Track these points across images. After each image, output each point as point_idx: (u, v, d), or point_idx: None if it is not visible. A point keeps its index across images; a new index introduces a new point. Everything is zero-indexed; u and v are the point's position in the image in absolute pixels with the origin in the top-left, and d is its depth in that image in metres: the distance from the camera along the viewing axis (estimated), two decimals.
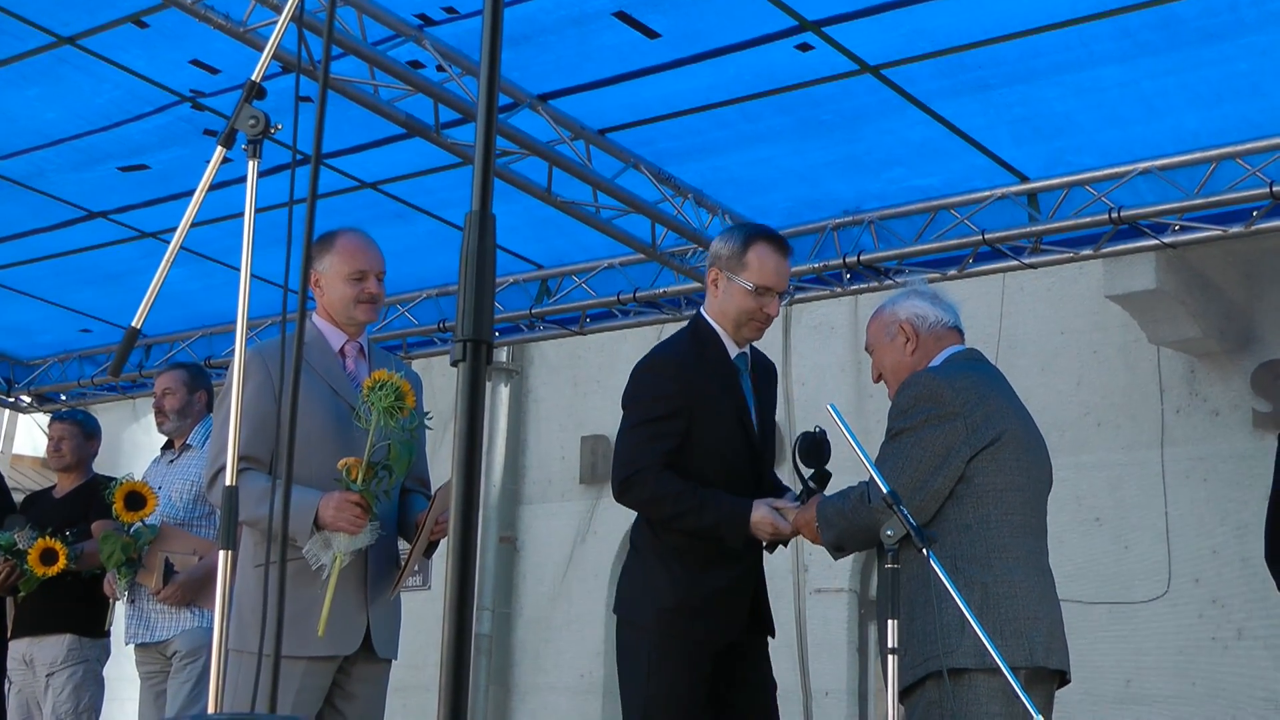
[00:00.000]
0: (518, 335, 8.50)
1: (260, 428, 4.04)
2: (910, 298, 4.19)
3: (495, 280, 1.95)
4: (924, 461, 3.84)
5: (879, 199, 6.82)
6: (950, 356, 4.10)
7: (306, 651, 4.03)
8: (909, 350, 4.11)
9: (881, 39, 5.42)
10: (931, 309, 4.14)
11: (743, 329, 4.38)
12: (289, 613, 3.96)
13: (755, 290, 4.31)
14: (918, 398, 3.92)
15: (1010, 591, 3.81)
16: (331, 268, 4.33)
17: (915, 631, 3.75)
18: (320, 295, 4.36)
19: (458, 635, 1.83)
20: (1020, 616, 3.79)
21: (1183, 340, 8.69)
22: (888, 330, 4.16)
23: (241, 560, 4.09)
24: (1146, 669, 8.76)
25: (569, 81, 5.96)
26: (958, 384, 3.93)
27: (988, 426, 3.88)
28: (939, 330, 4.13)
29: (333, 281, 4.33)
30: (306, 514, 4.02)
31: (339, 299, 4.33)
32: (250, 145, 2.88)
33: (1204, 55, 5.34)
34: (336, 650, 4.12)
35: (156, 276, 2.90)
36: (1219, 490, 8.64)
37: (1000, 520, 3.87)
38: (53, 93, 6.19)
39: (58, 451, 6.76)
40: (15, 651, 6.51)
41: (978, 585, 3.76)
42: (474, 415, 1.84)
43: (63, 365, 9.79)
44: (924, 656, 3.74)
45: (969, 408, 3.89)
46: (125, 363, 3.19)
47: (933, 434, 3.85)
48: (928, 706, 3.75)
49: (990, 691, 3.68)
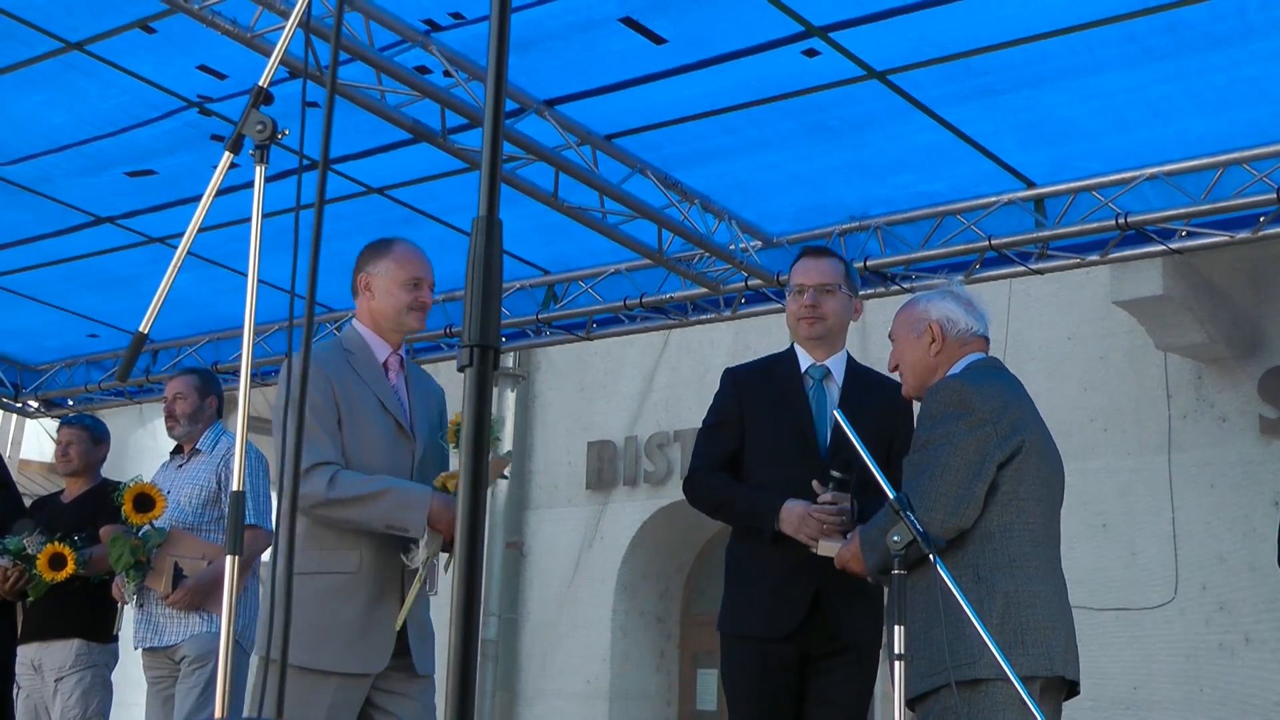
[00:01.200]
0: (524, 340, 8.49)
1: (334, 434, 4.10)
2: (945, 299, 4.19)
3: (502, 285, 1.95)
4: (963, 469, 3.83)
5: (885, 204, 6.82)
6: (973, 363, 4.10)
7: (339, 667, 4.00)
8: (933, 351, 4.12)
9: (888, 44, 5.42)
10: (964, 315, 4.15)
11: (798, 329, 4.71)
12: (324, 628, 3.97)
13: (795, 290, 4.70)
14: (947, 404, 3.92)
15: (1031, 600, 3.82)
16: (387, 273, 4.34)
17: (934, 640, 3.73)
18: (369, 299, 4.36)
19: (464, 641, 1.83)
20: (1041, 626, 3.80)
21: (1190, 346, 8.68)
22: (915, 326, 4.16)
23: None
24: (1154, 675, 8.75)
25: (576, 87, 5.96)
26: (985, 391, 3.93)
27: (1014, 435, 3.90)
28: (966, 336, 4.14)
29: (387, 286, 4.34)
30: (420, 508, 4.04)
31: (391, 304, 4.34)
32: (257, 150, 2.87)
33: (1211, 61, 5.33)
34: (367, 667, 4.07)
35: (164, 281, 2.90)
36: (1226, 496, 8.62)
37: (1022, 529, 3.88)
38: (60, 98, 6.19)
39: (65, 456, 6.77)
40: (24, 656, 6.51)
41: (1000, 594, 3.77)
42: (481, 419, 1.84)
43: (70, 370, 9.79)
44: (943, 665, 3.71)
45: (996, 415, 3.90)
46: (133, 367, 3.19)
47: (966, 440, 3.85)
48: (943, 712, 3.74)
49: (1008, 700, 3.67)
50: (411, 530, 4.05)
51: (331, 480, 3.99)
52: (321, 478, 3.98)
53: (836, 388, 4.62)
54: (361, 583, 4.08)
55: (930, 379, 4.10)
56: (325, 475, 3.99)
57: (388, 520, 4.05)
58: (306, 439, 3.89)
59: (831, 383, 4.63)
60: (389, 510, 4.04)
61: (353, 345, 4.32)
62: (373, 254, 4.40)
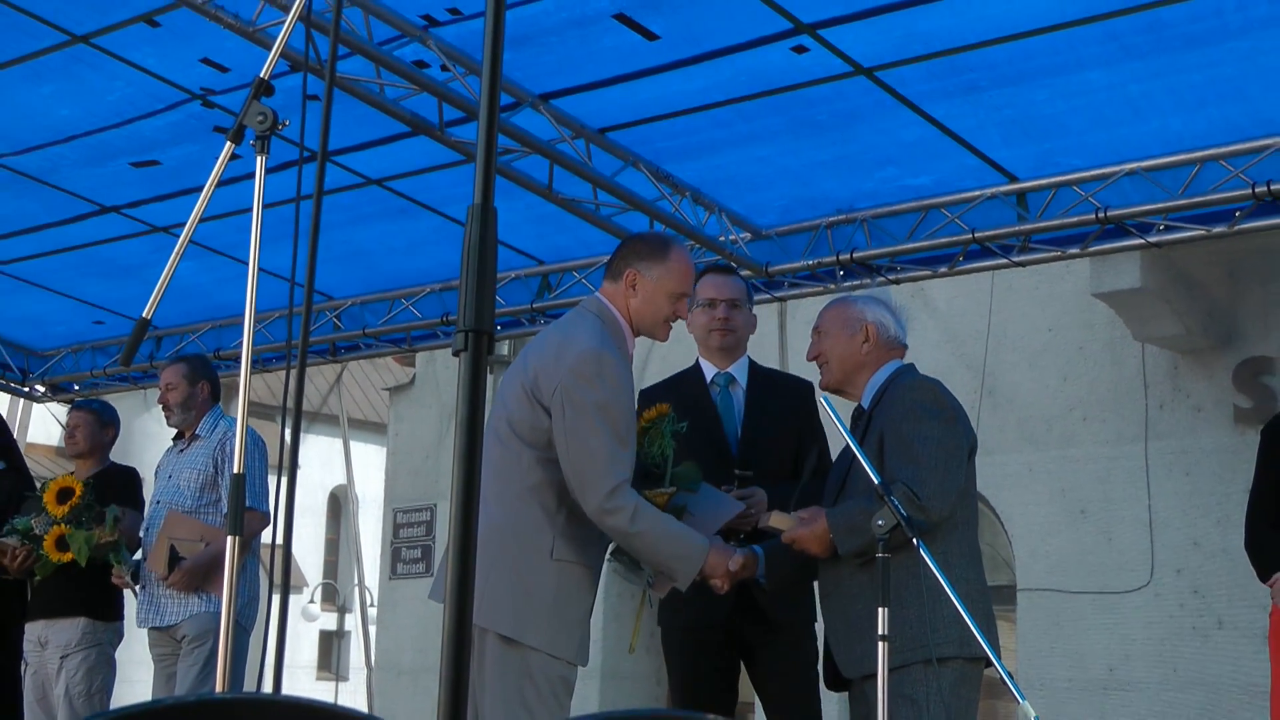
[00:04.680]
0: (519, 329, 8.48)
1: (634, 443, 3.99)
2: (876, 305, 4.30)
3: (497, 274, 1.94)
4: (952, 461, 3.96)
5: (872, 198, 6.81)
6: (901, 368, 4.22)
7: (581, 659, 3.89)
8: (864, 350, 4.21)
9: (875, 42, 5.41)
10: (893, 322, 4.27)
11: (709, 340, 4.89)
12: (565, 618, 3.82)
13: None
14: (927, 401, 4.04)
15: (983, 590, 4.07)
16: (659, 279, 4.05)
17: (907, 619, 3.84)
18: (630, 295, 4.04)
19: (458, 622, 1.82)
20: (990, 614, 4.02)
21: (1167, 337, 8.69)
22: (850, 325, 4.24)
23: (533, 549, 3.83)
24: (1130, 656, 8.77)
25: (570, 82, 5.95)
26: (947, 393, 4.10)
27: (969, 434, 4.12)
28: (893, 342, 4.26)
29: (655, 294, 4.04)
30: (696, 561, 3.94)
31: (653, 311, 4.06)
32: (258, 141, 2.87)
33: (1189, 60, 5.33)
34: (584, 662, 3.93)
35: (166, 269, 2.89)
36: (1201, 484, 8.64)
37: (970, 523, 4.10)
38: (66, 90, 6.18)
39: (72, 439, 6.76)
40: (31, 633, 6.51)
41: (963, 581, 3.88)
42: (475, 404, 1.84)
43: (76, 356, 9.78)
44: (916, 643, 3.84)
45: (959, 415, 4.08)
46: (136, 352, 3.19)
47: (948, 435, 3.98)
48: (913, 685, 3.85)
49: (965, 677, 3.91)
50: (679, 582, 3.99)
51: (634, 516, 3.80)
52: (627, 508, 3.79)
53: (742, 390, 4.87)
54: (595, 580, 3.96)
55: (856, 375, 4.22)
56: (629, 505, 3.80)
57: (663, 564, 3.96)
58: (612, 450, 3.77)
59: (737, 387, 4.89)
60: (668, 558, 3.94)
61: (617, 335, 4.02)
62: (648, 252, 4.09)
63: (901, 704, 3.80)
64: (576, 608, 3.86)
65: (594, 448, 3.76)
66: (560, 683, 3.80)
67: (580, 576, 3.88)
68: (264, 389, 19.96)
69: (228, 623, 2.97)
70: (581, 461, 3.77)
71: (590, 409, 3.78)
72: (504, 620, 3.73)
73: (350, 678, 26.91)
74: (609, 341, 3.92)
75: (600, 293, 4.11)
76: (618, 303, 4.05)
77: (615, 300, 4.06)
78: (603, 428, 3.77)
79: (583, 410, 3.78)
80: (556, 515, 3.84)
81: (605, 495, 3.76)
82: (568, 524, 3.85)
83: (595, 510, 3.78)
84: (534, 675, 3.74)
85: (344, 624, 27.68)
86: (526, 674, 3.73)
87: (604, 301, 4.06)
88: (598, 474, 3.76)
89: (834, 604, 4.10)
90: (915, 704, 3.83)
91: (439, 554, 12.18)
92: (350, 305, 8.60)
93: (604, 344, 3.88)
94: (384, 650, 13.39)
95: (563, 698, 3.81)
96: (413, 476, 12.99)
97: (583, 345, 3.84)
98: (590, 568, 3.92)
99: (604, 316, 4.01)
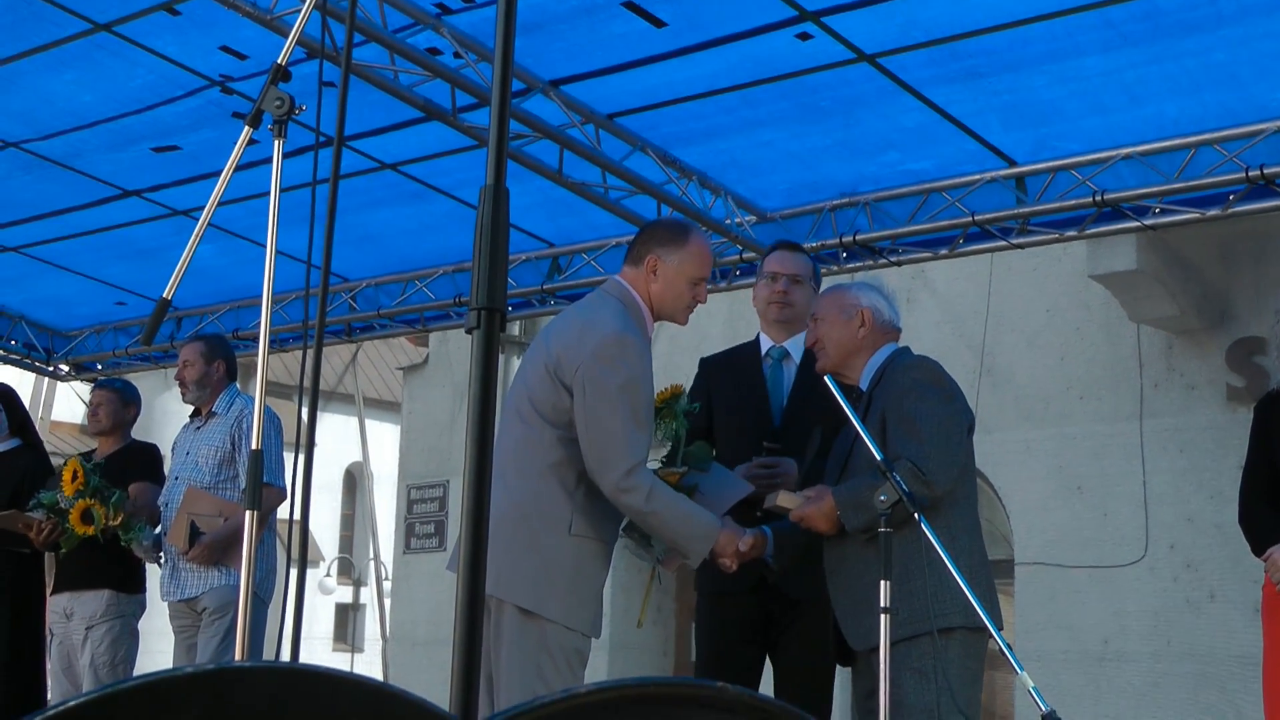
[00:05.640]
0: (530, 310, 8.48)
1: (651, 427, 4.02)
2: (870, 291, 4.30)
3: (509, 255, 1.94)
4: (950, 437, 3.96)
5: (874, 182, 6.81)
6: (898, 350, 4.22)
7: (595, 632, 3.90)
8: (860, 335, 4.21)
9: (878, 29, 5.40)
10: (887, 307, 4.27)
11: (767, 312, 4.87)
12: (581, 592, 3.82)
13: None
14: (929, 379, 4.04)
15: (984, 562, 4.05)
16: (680, 265, 4.05)
17: (914, 591, 3.84)
18: (650, 280, 4.05)
19: (471, 595, 1.83)
20: (989, 586, 4.01)
21: (1162, 318, 8.68)
22: (846, 310, 4.24)
23: (552, 524, 3.83)
24: (1125, 629, 8.78)
25: (580, 68, 5.94)
26: (944, 372, 4.10)
27: (967, 412, 4.12)
28: (888, 327, 4.26)
29: (675, 279, 4.05)
30: (708, 540, 3.97)
31: (673, 296, 4.07)
32: (276, 125, 2.87)
33: (1184, 46, 5.32)
34: (597, 634, 3.95)
35: (186, 251, 2.90)
36: (1195, 460, 8.64)
37: (971, 498, 4.10)
38: (89, 77, 6.18)
39: (95, 416, 6.77)
40: (56, 605, 6.54)
41: (966, 554, 3.89)
42: (488, 380, 1.84)
43: (99, 336, 9.80)
44: (922, 615, 3.83)
45: (958, 394, 4.10)
46: (156, 332, 3.19)
47: (949, 412, 3.99)
48: (921, 657, 3.85)
49: (970, 648, 3.91)
50: (691, 560, 4.02)
51: (649, 495, 3.81)
52: (643, 488, 3.81)
53: (795, 366, 4.82)
54: (609, 554, 3.97)
55: (852, 359, 4.21)
56: (645, 485, 3.82)
57: (676, 542, 3.98)
58: (630, 431, 3.78)
59: (790, 362, 4.84)
60: (681, 537, 3.95)
61: (638, 319, 4.03)
62: (668, 238, 4.09)
63: (910, 676, 3.81)
64: (592, 582, 3.87)
65: (613, 428, 3.78)
66: (575, 654, 3.81)
67: (596, 551, 3.89)
68: (281, 369, 19.98)
69: (246, 595, 2.98)
70: (600, 441, 3.79)
71: (612, 390, 3.79)
72: (523, 593, 3.74)
73: (365, 649, 26.98)
74: (631, 325, 3.93)
75: (621, 277, 4.11)
76: (639, 287, 4.06)
77: (636, 285, 4.06)
78: (623, 409, 3.79)
79: (604, 392, 3.79)
80: (575, 492, 3.85)
81: (622, 474, 3.77)
82: (586, 501, 3.86)
83: (612, 489, 3.79)
84: (550, 647, 3.75)
85: (359, 597, 27.74)
86: (543, 645, 3.75)
87: (625, 285, 4.07)
88: (616, 454, 3.77)
89: (840, 580, 4.10)
90: (924, 675, 3.83)
91: (452, 529, 12.21)
92: (365, 287, 8.61)
93: (627, 327, 3.89)
94: (398, 623, 13.44)
95: (577, 669, 3.83)
96: (426, 453, 13.02)
97: (607, 328, 3.85)
98: (606, 543, 3.93)
99: (625, 300, 4.02)
